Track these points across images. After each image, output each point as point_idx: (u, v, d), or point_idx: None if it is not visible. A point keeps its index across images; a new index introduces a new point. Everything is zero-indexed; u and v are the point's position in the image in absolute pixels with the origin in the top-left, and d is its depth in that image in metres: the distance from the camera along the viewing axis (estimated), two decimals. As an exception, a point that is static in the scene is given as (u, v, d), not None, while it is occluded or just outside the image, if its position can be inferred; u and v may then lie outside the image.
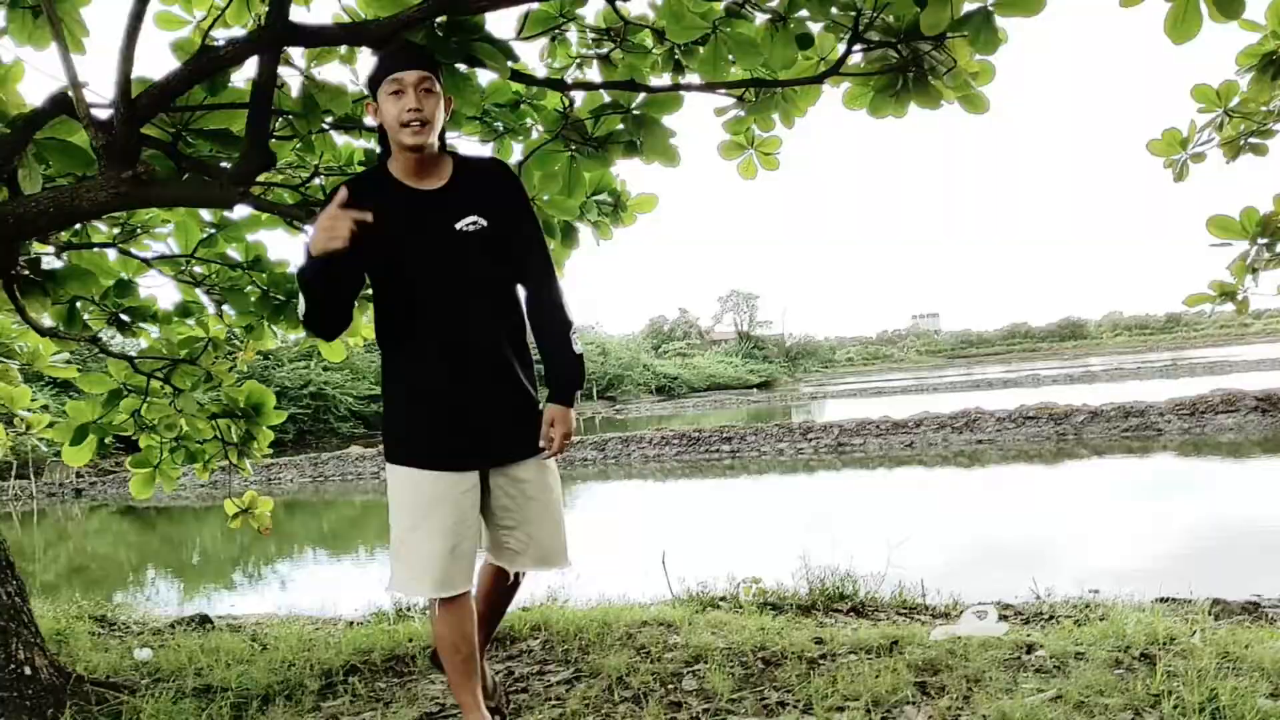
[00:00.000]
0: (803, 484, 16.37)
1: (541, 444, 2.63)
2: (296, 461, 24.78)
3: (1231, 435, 16.97)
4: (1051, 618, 4.23)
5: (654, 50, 3.75)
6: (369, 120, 2.62)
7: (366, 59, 3.82)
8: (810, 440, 20.13)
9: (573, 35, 3.85)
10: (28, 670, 2.60)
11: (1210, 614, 4.13)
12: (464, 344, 2.56)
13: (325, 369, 35.25)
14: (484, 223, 2.57)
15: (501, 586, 2.87)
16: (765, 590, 4.78)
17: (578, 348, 2.68)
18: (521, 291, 2.72)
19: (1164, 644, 3.27)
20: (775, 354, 78.39)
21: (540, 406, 2.68)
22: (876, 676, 3.09)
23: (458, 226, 2.55)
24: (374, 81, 2.50)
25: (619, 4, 3.51)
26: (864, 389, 46.07)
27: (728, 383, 63.15)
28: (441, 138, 2.60)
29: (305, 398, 33.64)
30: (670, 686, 3.25)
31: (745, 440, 20.74)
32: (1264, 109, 4.92)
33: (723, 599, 4.81)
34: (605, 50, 3.73)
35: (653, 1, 3.56)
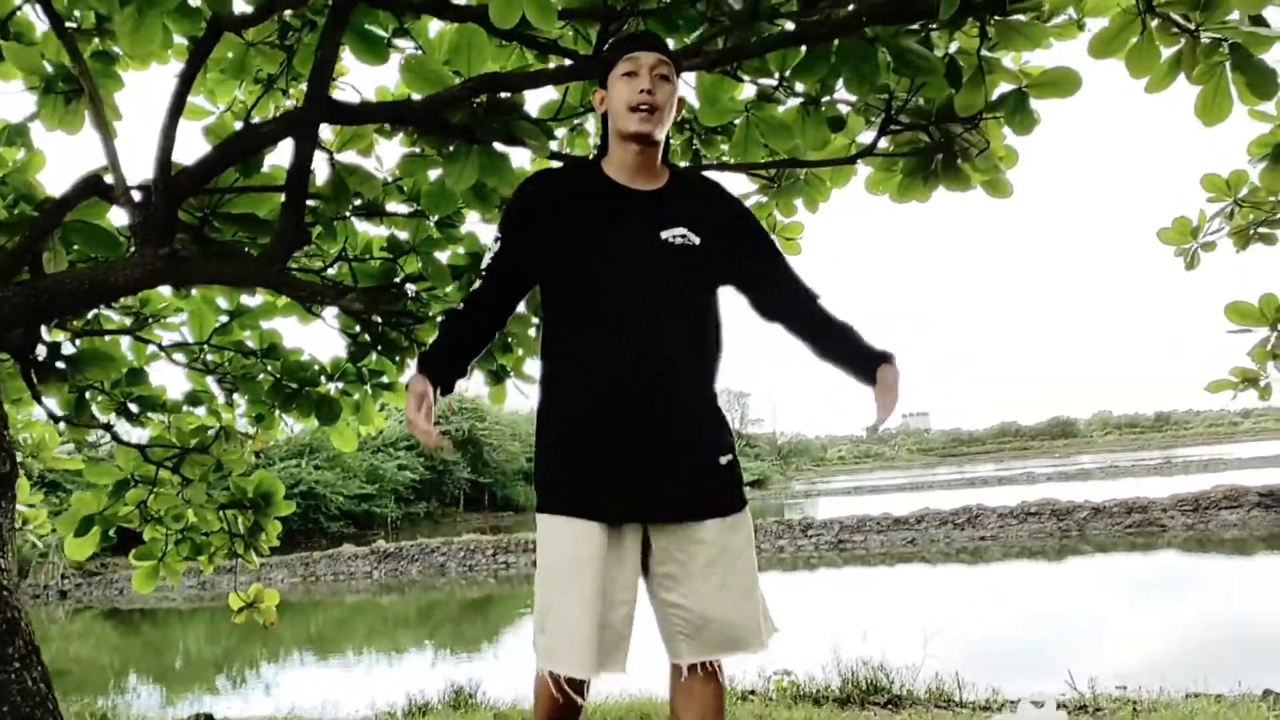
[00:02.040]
0: (808, 581, 16.12)
1: (876, 415, 2.23)
2: (287, 561, 24.35)
3: (1236, 531, 16.83)
4: (1098, 710, 4.08)
5: (672, 141, 3.78)
6: (596, 106, 2.33)
7: (391, 147, 3.86)
8: (811, 537, 19.89)
9: (591, 125, 3.89)
10: (48, 763, 2.47)
11: (1267, 705, 4.00)
12: (647, 370, 2.14)
13: (316, 467, 34.92)
14: (694, 240, 2.23)
15: (701, 697, 2.20)
16: (797, 683, 4.63)
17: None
18: (771, 310, 2.35)
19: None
20: (767, 452, 78.13)
21: (729, 458, 2.24)
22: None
23: (664, 236, 2.21)
24: (607, 65, 2.26)
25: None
26: (859, 487, 45.82)
27: (721, 481, 62.56)
28: (666, 148, 2.36)
29: (296, 497, 33.19)
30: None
31: (744, 538, 20.44)
32: (1273, 199, 4.97)
33: (752, 692, 4.66)
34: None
35: (679, 97, 3.59)
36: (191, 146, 3.54)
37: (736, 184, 3.87)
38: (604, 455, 2.13)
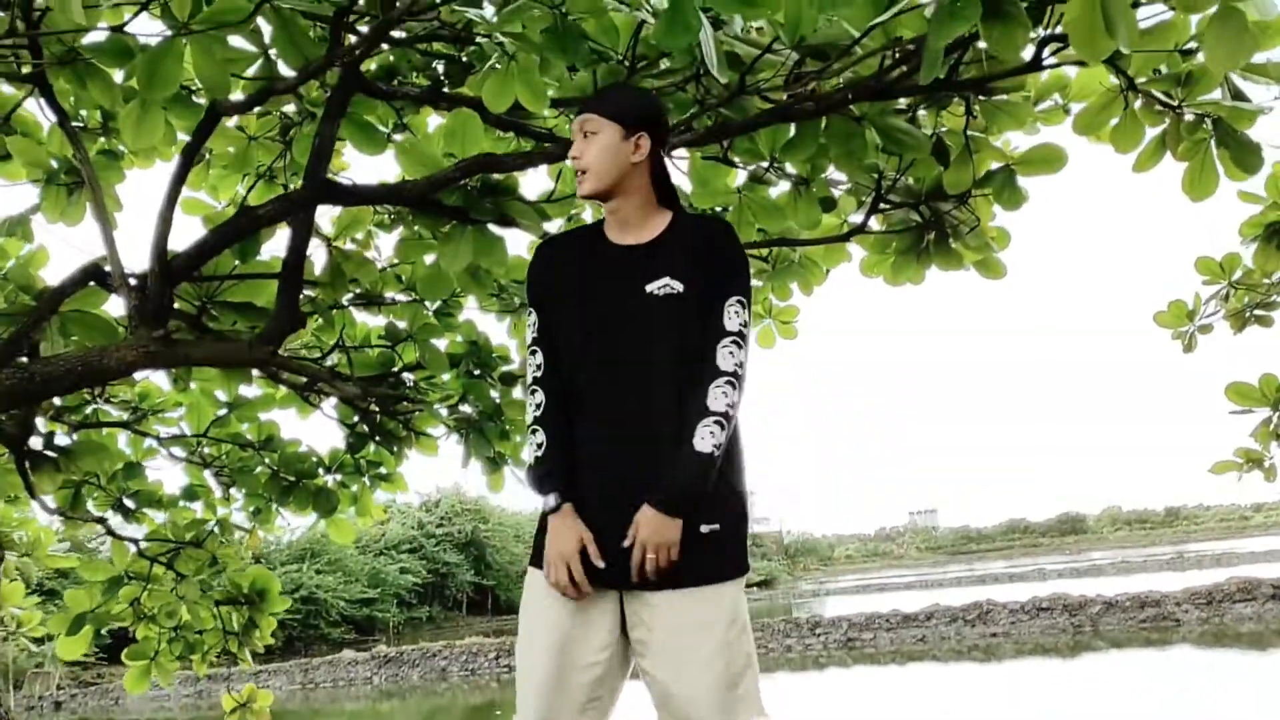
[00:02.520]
0: (818, 681, 15.77)
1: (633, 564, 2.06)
2: (285, 668, 23.88)
3: (1251, 625, 16.52)
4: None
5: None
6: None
7: (388, 239, 3.91)
8: (819, 635, 19.53)
9: (588, 215, 3.94)
10: None
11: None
12: (628, 432, 2.12)
13: (318, 571, 34.49)
14: (678, 287, 2.14)
15: None
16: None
17: (706, 444, 2.06)
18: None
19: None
20: (774, 551, 77.22)
21: (715, 527, 2.12)
22: None
23: (649, 288, 2.14)
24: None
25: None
26: (867, 585, 45.18)
27: (727, 582, 61.79)
28: (666, 188, 2.31)
29: (296, 602, 32.73)
30: None
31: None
32: (1267, 281, 5.00)
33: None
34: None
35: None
36: (194, 238, 3.59)
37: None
38: (585, 517, 2.10)
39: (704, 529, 2.10)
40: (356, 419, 4.50)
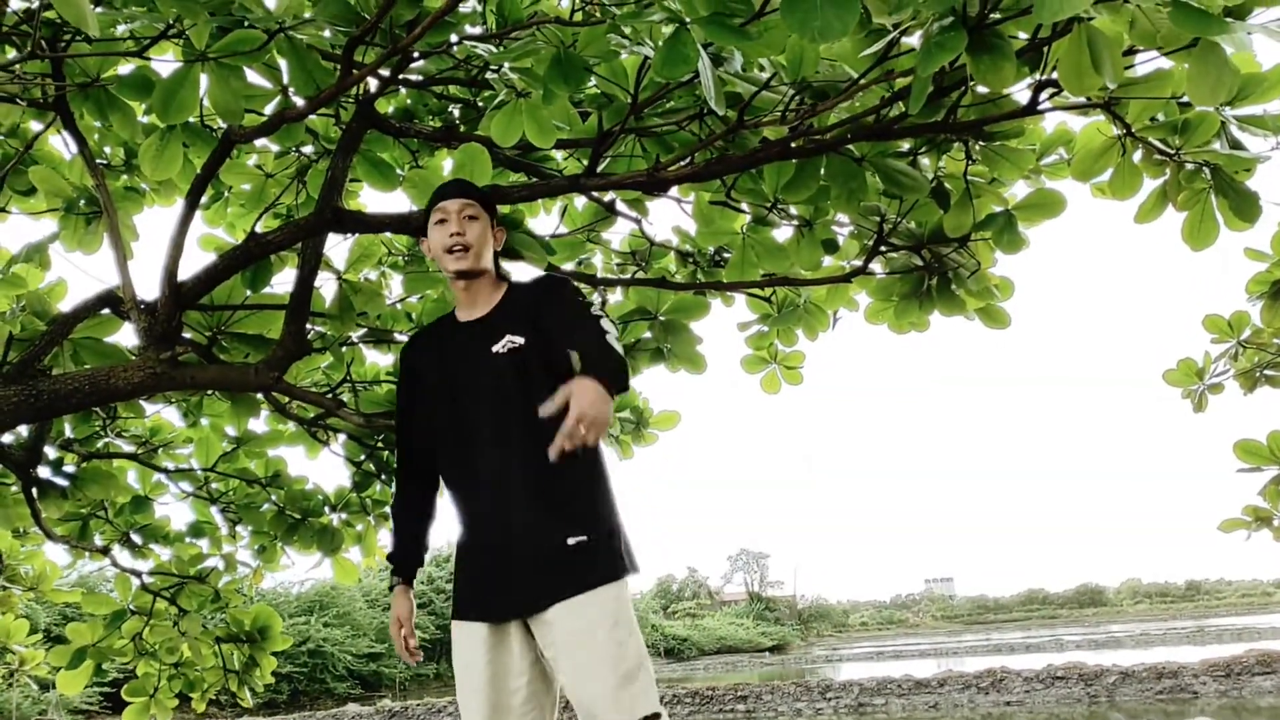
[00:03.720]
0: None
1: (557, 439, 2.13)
2: (289, 721, 23.66)
3: (1271, 698, 16.16)
4: None
5: (678, 274, 3.87)
6: (427, 256, 2.66)
7: (398, 282, 3.97)
8: (830, 700, 19.22)
9: (598, 259, 3.99)
10: None
11: None
12: (495, 478, 2.43)
13: (325, 624, 34.25)
14: (519, 340, 2.45)
15: None
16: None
17: (601, 332, 2.33)
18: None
19: None
20: (787, 616, 76.31)
21: (581, 539, 2.37)
22: None
23: (494, 349, 2.46)
24: (423, 218, 2.63)
25: (645, 226, 3.65)
26: (881, 652, 44.50)
27: (739, 645, 61.08)
28: (498, 267, 2.68)
29: (303, 655, 32.47)
30: None
31: (761, 699, 19.81)
32: (1278, 340, 4.99)
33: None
34: (630, 274, 3.85)
35: (676, 226, 3.71)
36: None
37: (736, 315, 3.95)
38: (477, 564, 2.46)
39: (571, 541, 2.37)
40: (363, 456, 4.53)
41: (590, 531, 2.38)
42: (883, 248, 3.14)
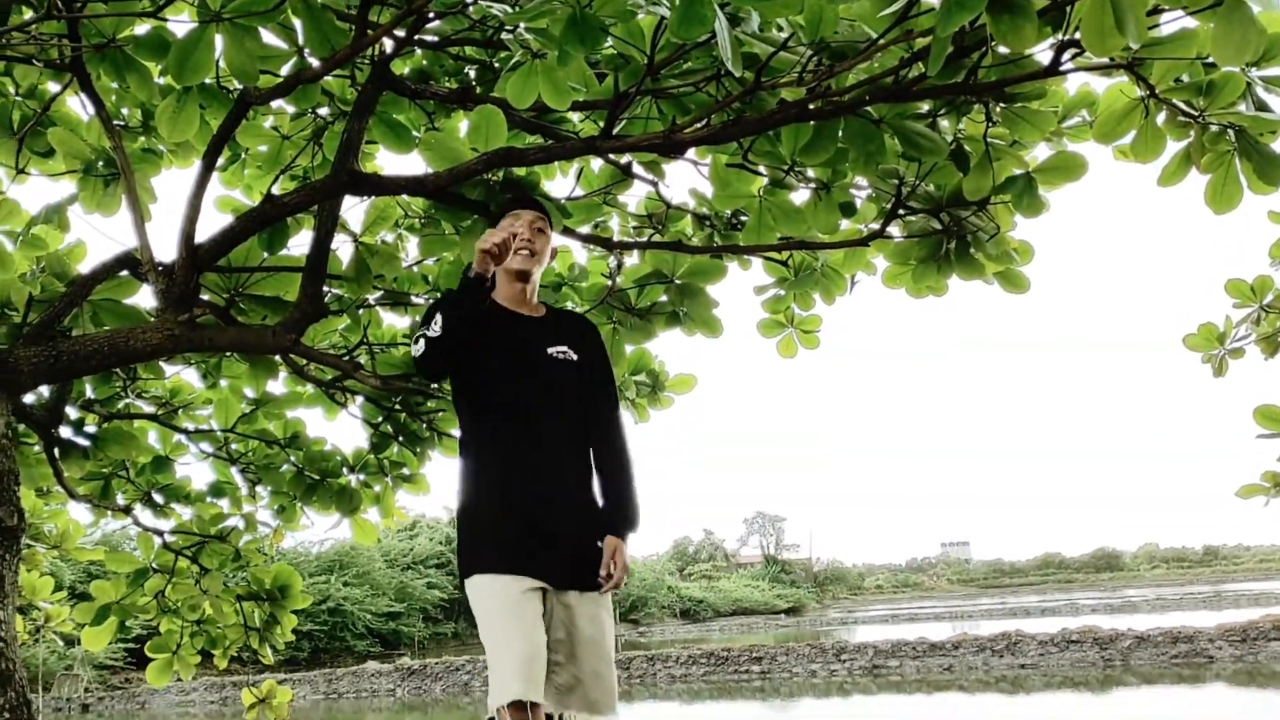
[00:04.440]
0: (841, 708, 15.61)
1: (601, 574, 2.65)
2: (310, 677, 23.99)
3: (1287, 663, 16.18)
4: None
5: (694, 237, 3.86)
6: (484, 240, 2.72)
7: (415, 244, 3.97)
8: (844, 661, 19.34)
9: (614, 222, 3.97)
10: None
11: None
12: (543, 461, 2.67)
13: (345, 584, 34.63)
14: (573, 356, 2.80)
15: None
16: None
17: (638, 494, 2.79)
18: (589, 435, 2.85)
19: None
20: (803, 578, 76.64)
21: (599, 550, 2.72)
22: None
23: (550, 351, 2.78)
24: (494, 220, 2.82)
25: (661, 188, 3.63)
26: (896, 615, 44.70)
27: (754, 607, 61.46)
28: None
29: (323, 614, 32.87)
30: None
31: (776, 660, 19.96)
32: (1300, 303, 4.94)
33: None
34: (646, 237, 3.83)
35: (694, 189, 3.68)
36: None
37: (753, 278, 3.93)
38: (525, 530, 2.61)
39: (599, 544, 2.72)
40: (381, 419, 4.55)
41: (600, 543, 2.73)
42: (901, 211, 3.12)
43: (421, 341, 2.67)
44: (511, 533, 2.60)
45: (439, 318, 2.64)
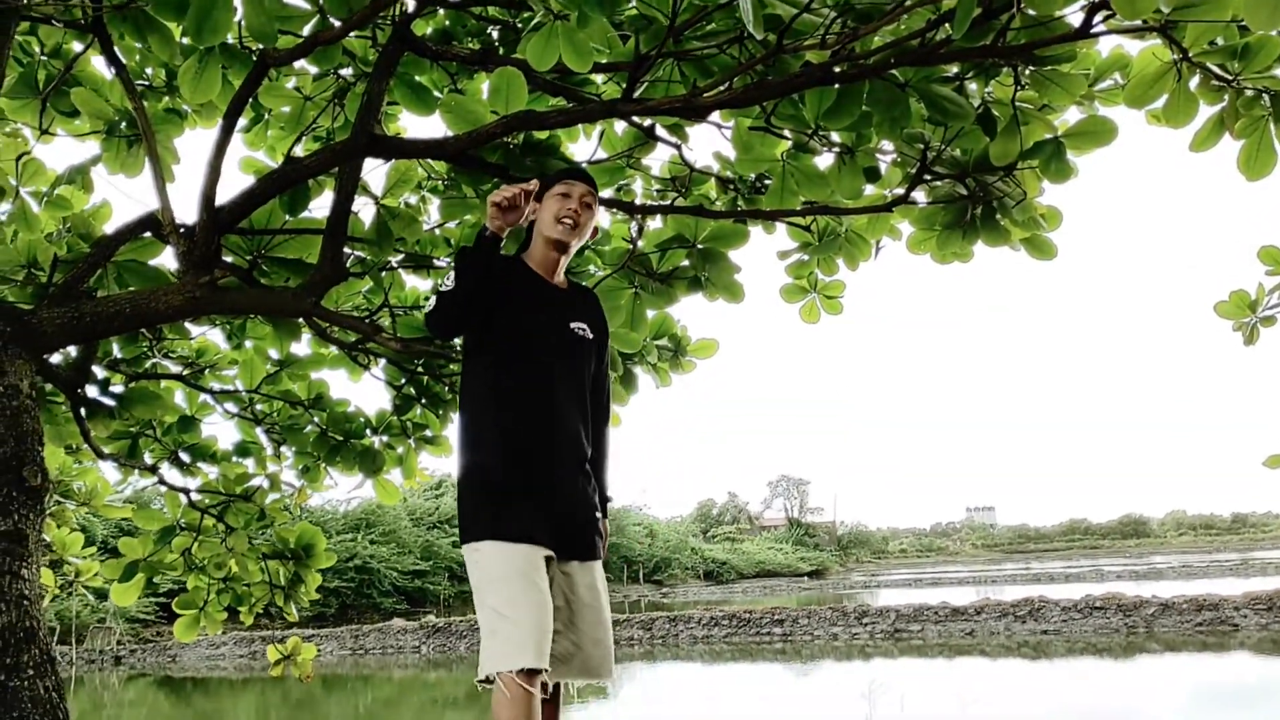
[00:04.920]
0: (861, 670, 15.69)
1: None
2: (337, 633, 24.36)
3: (1314, 633, 16.10)
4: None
5: (718, 201, 3.82)
6: (528, 214, 2.76)
7: (435, 206, 3.96)
8: (865, 625, 19.43)
9: (638, 186, 3.94)
10: (57, 772, 2.47)
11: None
12: (558, 430, 2.66)
13: (372, 542, 35.04)
14: (589, 335, 2.82)
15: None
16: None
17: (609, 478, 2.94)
18: None
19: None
20: (826, 542, 76.86)
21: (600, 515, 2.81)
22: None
23: (571, 325, 2.77)
24: (547, 184, 2.76)
25: (685, 153, 3.59)
26: (919, 579, 44.77)
27: (777, 569, 61.74)
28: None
29: (350, 570, 33.31)
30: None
31: (798, 623, 20.07)
32: (1335, 273, 4.86)
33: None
34: (670, 201, 3.80)
35: (718, 153, 3.65)
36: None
37: (777, 243, 3.90)
38: (534, 498, 2.59)
39: (597, 515, 2.80)
40: (403, 381, 4.57)
41: (599, 514, 2.82)
42: (926, 176, 3.07)
43: (434, 298, 2.66)
44: (526, 500, 2.58)
45: (452, 273, 2.64)
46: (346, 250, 3.74)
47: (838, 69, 2.54)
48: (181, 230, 2.81)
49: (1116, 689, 12.65)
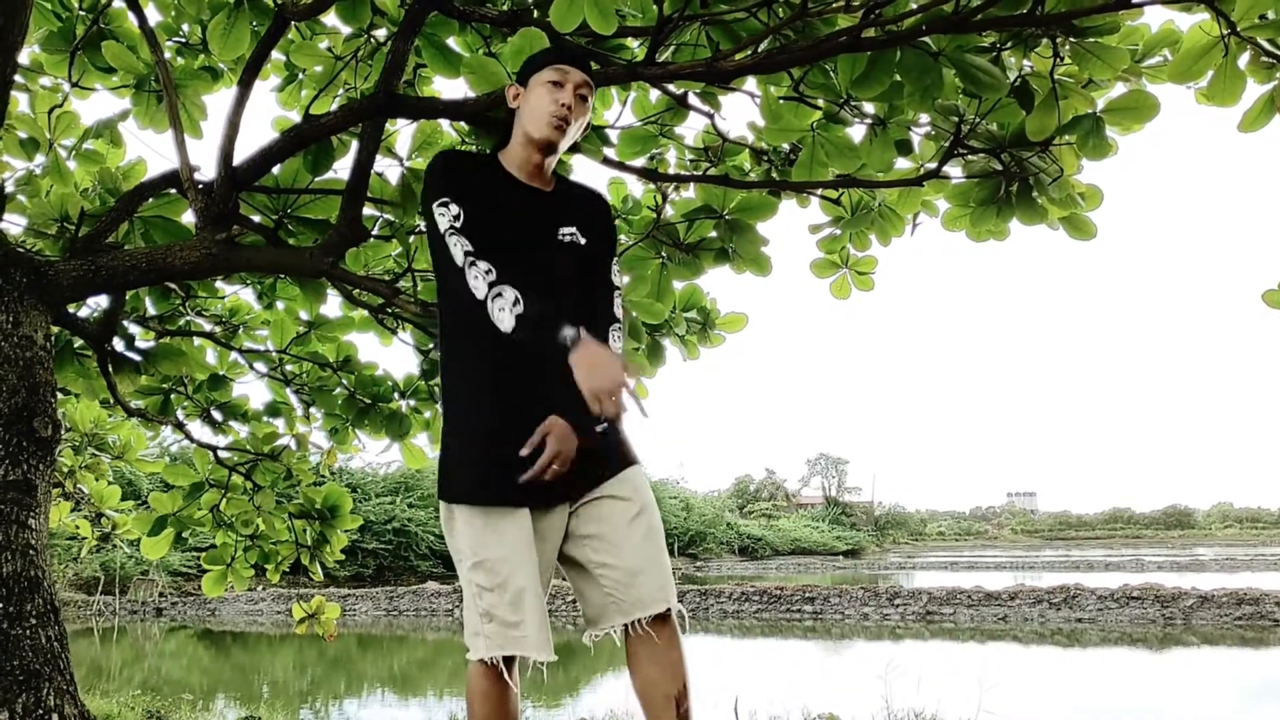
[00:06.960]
0: (890, 651, 15.62)
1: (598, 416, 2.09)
2: (372, 594, 24.72)
3: (1357, 632, 15.78)
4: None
5: (751, 172, 3.76)
6: (509, 102, 2.39)
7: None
8: (897, 606, 19.34)
9: (671, 155, 3.88)
10: (56, 717, 2.49)
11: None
12: (548, 364, 2.13)
13: (410, 505, 35.42)
14: (581, 240, 2.35)
15: (655, 664, 2.23)
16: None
17: (618, 343, 2.32)
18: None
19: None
20: (863, 522, 76.57)
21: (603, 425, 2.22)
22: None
23: (559, 233, 2.33)
24: (533, 65, 2.33)
25: (718, 122, 3.52)
26: (955, 562, 44.49)
27: (813, 547, 61.66)
28: None
29: (389, 533, 33.74)
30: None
31: (829, 601, 20.03)
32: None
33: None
34: (702, 171, 3.74)
35: (751, 123, 3.58)
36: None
37: (809, 217, 3.83)
38: (520, 438, 2.17)
39: (597, 428, 2.27)
40: (431, 346, 4.57)
41: (598, 428, 2.27)
42: (960, 150, 2.99)
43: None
44: (517, 455, 2.16)
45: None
46: (374, 213, 3.74)
47: (867, 34, 2.46)
48: (200, 186, 2.79)
49: (1144, 680, 12.48)
